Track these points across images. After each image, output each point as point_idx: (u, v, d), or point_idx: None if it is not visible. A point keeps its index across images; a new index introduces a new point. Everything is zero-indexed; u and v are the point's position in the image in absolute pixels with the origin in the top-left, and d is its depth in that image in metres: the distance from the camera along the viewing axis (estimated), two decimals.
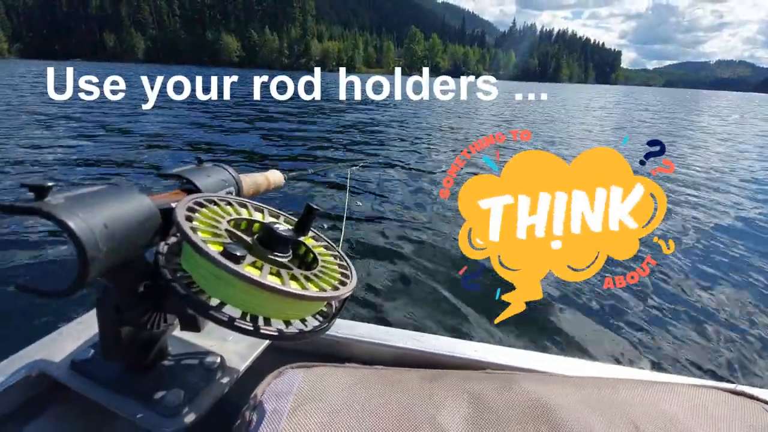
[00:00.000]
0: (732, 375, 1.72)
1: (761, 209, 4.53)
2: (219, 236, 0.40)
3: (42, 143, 5.20)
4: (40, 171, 3.96)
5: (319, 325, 0.45)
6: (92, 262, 0.32)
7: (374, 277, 2.32)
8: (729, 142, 10.26)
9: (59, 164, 4.31)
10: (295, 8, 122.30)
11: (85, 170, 4.20)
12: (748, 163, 7.30)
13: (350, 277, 0.47)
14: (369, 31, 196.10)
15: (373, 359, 0.66)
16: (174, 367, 0.52)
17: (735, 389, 0.45)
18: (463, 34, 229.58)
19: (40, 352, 0.53)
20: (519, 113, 15.37)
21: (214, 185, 0.53)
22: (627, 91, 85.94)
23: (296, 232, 0.46)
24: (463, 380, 0.46)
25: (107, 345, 0.46)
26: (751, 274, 2.68)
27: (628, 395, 0.43)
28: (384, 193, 4.04)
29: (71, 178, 3.90)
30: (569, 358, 0.66)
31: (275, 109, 11.40)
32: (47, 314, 1.66)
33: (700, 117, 19.14)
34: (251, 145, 6.01)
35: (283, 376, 0.45)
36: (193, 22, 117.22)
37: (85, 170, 4.20)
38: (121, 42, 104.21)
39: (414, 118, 11.79)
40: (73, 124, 6.76)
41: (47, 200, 0.32)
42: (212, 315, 0.38)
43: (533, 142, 9.20)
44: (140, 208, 0.39)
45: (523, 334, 1.87)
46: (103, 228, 0.34)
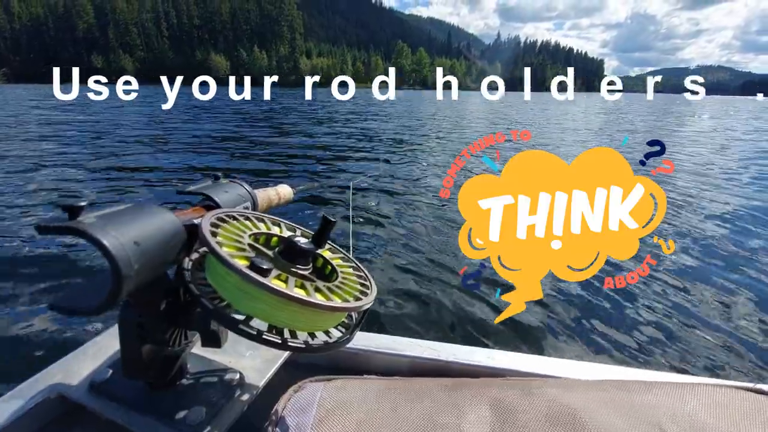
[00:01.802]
0: (750, 374, 1.67)
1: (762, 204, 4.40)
2: (243, 250, 0.40)
3: (54, 160, 5.14)
4: (58, 189, 3.84)
5: (342, 335, 0.45)
6: (125, 280, 0.33)
7: (384, 286, 2.27)
8: (729, 144, 10.24)
9: (74, 181, 4.22)
10: (283, 27, 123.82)
11: (101, 184, 4.12)
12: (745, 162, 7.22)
13: (370, 287, 0.47)
14: (357, 48, 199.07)
15: (390, 370, 0.66)
16: (194, 384, 0.51)
17: (755, 387, 0.44)
18: (449, 48, 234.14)
19: (58, 374, 0.53)
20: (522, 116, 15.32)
21: (232, 200, 0.54)
22: (633, 98, 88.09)
23: (314, 245, 0.46)
24: (484, 388, 0.45)
25: (129, 363, 0.46)
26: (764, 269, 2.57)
27: (649, 397, 0.43)
28: (388, 201, 4.01)
29: (90, 192, 3.85)
30: (586, 363, 0.65)
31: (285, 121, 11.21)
32: (64, 333, 1.68)
33: (689, 120, 19.47)
34: (257, 160, 5.90)
35: (303, 390, 0.44)
36: (181, 42, 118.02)
37: (103, 184, 4.12)
38: (109, 64, 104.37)
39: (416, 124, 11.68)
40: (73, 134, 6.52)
41: (80, 219, 0.33)
42: (242, 329, 0.38)
43: (533, 143, 9.10)
44: (167, 224, 0.39)
45: (537, 340, 1.84)
46: (134, 246, 0.34)
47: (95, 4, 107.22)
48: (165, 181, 4.49)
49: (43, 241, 2.50)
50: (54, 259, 2.29)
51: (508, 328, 1.92)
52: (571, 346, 1.80)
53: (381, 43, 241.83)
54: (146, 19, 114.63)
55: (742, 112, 28.48)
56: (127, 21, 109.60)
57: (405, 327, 1.92)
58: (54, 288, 2.05)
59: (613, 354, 1.75)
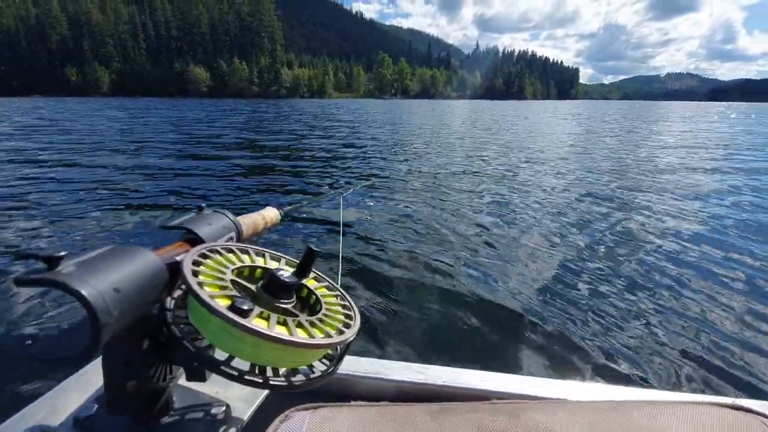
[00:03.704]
0: (730, 388, 1.69)
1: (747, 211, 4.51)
2: (225, 288, 0.40)
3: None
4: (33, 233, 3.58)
5: (326, 369, 0.45)
6: (104, 328, 0.33)
7: (372, 307, 2.26)
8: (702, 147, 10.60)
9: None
10: (264, 38, 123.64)
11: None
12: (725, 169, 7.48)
13: (353, 317, 0.47)
14: (339, 58, 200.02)
15: (377, 395, 0.65)
16: (180, 419, 0.51)
17: (734, 404, 0.45)
18: (429, 58, 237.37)
19: (42, 411, 0.52)
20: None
21: (216, 233, 0.53)
22: (591, 104, 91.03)
23: (298, 276, 0.45)
24: (471, 413, 0.45)
25: (113, 399, 0.45)
26: (745, 284, 2.60)
27: (632, 417, 0.44)
28: (376, 216, 3.98)
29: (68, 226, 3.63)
30: (570, 382, 0.67)
31: (259, 142, 11.05)
32: (45, 370, 1.64)
33: (664, 125, 20.18)
34: (237, 183, 5.68)
35: (289, 420, 0.44)
36: (159, 53, 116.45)
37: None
38: (84, 76, 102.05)
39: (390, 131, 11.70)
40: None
41: (59, 269, 0.32)
42: (224, 371, 0.38)
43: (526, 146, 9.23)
44: (148, 266, 0.39)
45: (524, 360, 1.85)
46: (113, 293, 0.34)
47: (69, 15, 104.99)
48: (144, 208, 4.31)
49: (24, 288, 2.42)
50: (34, 306, 2.26)
51: (493, 348, 1.93)
52: (557, 366, 1.81)
53: (362, 54, 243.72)
54: (123, 30, 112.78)
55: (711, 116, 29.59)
56: (102, 32, 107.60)
57: (391, 348, 1.91)
58: (33, 334, 2.02)
59: (612, 373, 1.77)
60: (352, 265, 2.79)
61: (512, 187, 5.43)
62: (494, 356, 1.87)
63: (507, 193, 5.13)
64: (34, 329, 2.06)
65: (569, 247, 3.21)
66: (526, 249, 3.18)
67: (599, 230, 3.65)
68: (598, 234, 3.55)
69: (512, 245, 3.26)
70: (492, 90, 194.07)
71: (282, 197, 4.92)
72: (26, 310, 2.22)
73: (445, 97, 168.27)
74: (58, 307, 2.23)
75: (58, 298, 2.31)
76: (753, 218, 4.11)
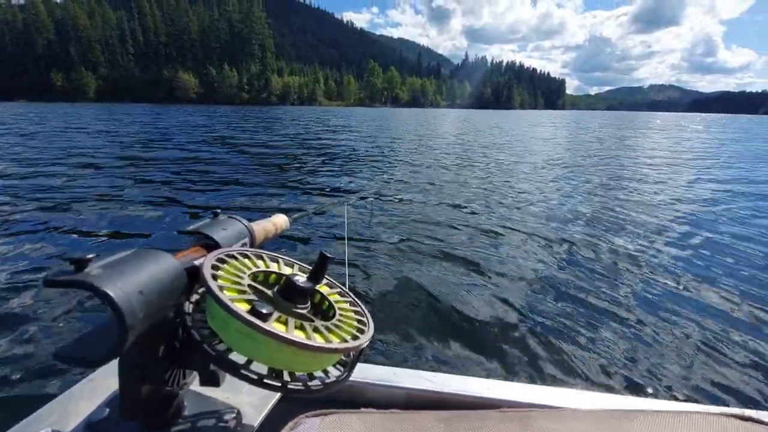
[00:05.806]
0: (739, 399, 1.69)
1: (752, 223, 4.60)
2: (244, 293, 0.41)
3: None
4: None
5: (340, 374, 0.45)
6: (130, 330, 0.33)
7: (378, 313, 2.25)
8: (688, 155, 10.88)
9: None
10: (254, 45, 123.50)
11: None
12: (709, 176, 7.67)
13: (367, 323, 0.47)
14: (329, 67, 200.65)
15: (387, 402, 0.65)
16: (192, 424, 0.51)
17: (743, 414, 0.45)
18: (419, 67, 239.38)
19: (54, 414, 0.52)
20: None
21: (231, 238, 0.54)
22: (578, 114, 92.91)
23: (312, 281, 0.46)
24: (480, 421, 0.45)
25: (127, 403, 0.45)
26: (754, 292, 2.63)
27: (641, 426, 0.43)
28: (381, 223, 4.00)
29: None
30: (580, 391, 0.66)
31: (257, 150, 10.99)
32: (59, 369, 1.67)
33: (647, 135, 20.71)
34: (250, 190, 5.68)
35: (299, 426, 0.44)
36: (148, 59, 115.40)
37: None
38: (70, 81, 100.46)
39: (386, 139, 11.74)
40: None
41: (87, 271, 0.33)
42: (244, 374, 0.39)
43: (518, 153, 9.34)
44: (169, 270, 0.40)
45: (531, 368, 1.85)
46: (139, 295, 0.35)
47: (56, 20, 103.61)
48: (156, 209, 4.28)
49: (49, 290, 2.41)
50: (57, 305, 2.27)
51: (502, 355, 1.94)
52: (566, 374, 1.81)
53: (353, 62, 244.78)
54: (111, 36, 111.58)
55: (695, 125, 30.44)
56: (90, 38, 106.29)
57: (399, 356, 1.90)
58: (55, 333, 2.03)
59: (608, 381, 1.78)
60: (358, 271, 2.79)
61: (522, 194, 5.48)
62: (503, 364, 1.87)
63: (516, 199, 5.15)
64: (59, 329, 2.08)
65: (580, 256, 3.24)
66: (535, 258, 3.19)
67: (612, 241, 3.67)
68: (610, 244, 3.56)
69: (521, 254, 3.28)
70: (481, 99, 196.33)
71: (288, 203, 4.93)
72: (51, 310, 2.23)
73: (435, 106, 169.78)
74: (81, 308, 2.26)
75: (82, 299, 2.32)
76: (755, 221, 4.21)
